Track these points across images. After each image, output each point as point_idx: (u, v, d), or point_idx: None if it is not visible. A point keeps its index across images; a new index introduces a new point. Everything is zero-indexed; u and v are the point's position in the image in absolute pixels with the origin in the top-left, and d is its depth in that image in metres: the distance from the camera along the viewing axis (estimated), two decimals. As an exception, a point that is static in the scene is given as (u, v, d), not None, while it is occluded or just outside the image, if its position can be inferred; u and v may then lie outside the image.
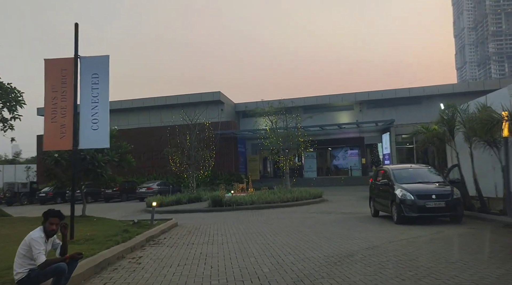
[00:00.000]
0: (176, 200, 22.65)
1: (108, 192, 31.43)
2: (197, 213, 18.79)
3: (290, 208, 18.51)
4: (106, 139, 8.30)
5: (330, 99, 38.73)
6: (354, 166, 39.46)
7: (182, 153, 25.49)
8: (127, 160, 13.70)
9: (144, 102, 40.07)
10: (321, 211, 16.74)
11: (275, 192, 21.53)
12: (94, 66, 8.18)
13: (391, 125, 33.81)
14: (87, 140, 8.13)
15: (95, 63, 8.21)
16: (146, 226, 11.00)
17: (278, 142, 22.49)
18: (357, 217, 13.63)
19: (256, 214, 16.33)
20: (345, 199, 22.43)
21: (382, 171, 13.35)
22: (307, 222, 12.55)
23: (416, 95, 36.81)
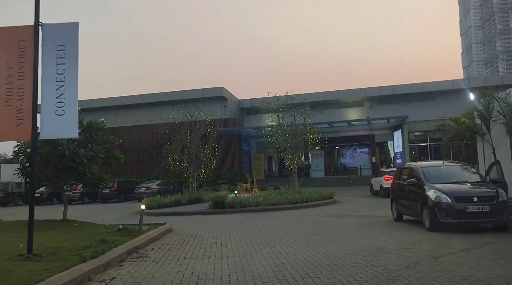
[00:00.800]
0: (175, 201, 20.99)
1: (105, 192, 29.83)
2: (197, 215, 17.10)
3: (299, 211, 16.77)
4: (74, 127, 6.57)
5: (339, 95, 36.92)
6: (364, 165, 37.62)
7: (182, 151, 23.82)
8: (115, 156, 11.99)
9: (144, 99, 38.43)
10: (334, 214, 14.99)
11: (282, 192, 19.81)
12: (60, 36, 6.49)
13: (404, 122, 31.99)
14: (51, 129, 6.41)
15: (62, 32, 6.52)
16: (133, 233, 9.31)
17: (285, 139, 20.77)
18: (377, 222, 11.87)
19: (261, 218, 14.61)
20: (357, 200, 20.68)
21: (406, 168, 11.56)
22: (321, 228, 10.80)
23: (430, 90, 34.94)
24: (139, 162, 37.54)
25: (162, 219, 16.22)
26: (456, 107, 34.58)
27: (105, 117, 41.91)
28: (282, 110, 20.96)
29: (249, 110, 40.30)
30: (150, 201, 20.22)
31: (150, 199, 20.62)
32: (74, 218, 19.31)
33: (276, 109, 21.12)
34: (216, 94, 36.04)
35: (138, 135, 37.37)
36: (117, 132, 39.36)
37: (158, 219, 16.63)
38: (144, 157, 37.52)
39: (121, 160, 12.40)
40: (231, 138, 35.22)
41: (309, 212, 16.14)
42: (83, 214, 20.53)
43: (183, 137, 23.69)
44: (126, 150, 37.97)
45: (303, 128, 21.28)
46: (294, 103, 21.29)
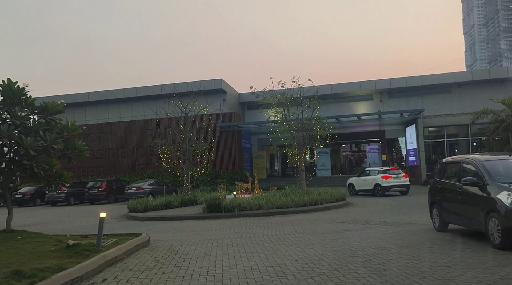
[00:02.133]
0: (165, 203, 18.42)
1: (92, 192, 27.33)
2: (188, 220, 14.50)
3: (309, 215, 14.16)
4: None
5: (347, 87, 34.22)
6: (374, 163, 34.89)
7: (175, 146, 21.22)
8: (76, 147, 9.35)
9: (138, 92, 35.80)
10: (352, 219, 12.37)
11: (288, 193, 17.21)
12: None
13: (418, 116, 29.30)
14: None
15: None
16: (88, 251, 6.69)
17: (291, 132, 18.17)
18: (413, 232, 9.24)
19: (264, 224, 11.99)
20: (372, 202, 18.07)
21: (455, 163, 8.89)
22: (345, 243, 8.16)
23: (446, 82, 32.23)
24: (132, 160, 34.93)
25: (146, 225, 13.69)
26: (473, 101, 31.92)
27: (96, 112, 39.49)
28: (288, 102, 18.34)
29: (250, 104, 37.64)
30: (135, 203, 17.67)
31: (136, 201, 18.06)
32: (44, 223, 16.83)
33: (281, 102, 18.46)
34: (215, 87, 33.43)
35: (131, 132, 34.77)
36: (109, 128, 37.16)
37: (143, 225, 14.10)
38: (137, 155, 34.91)
39: (85, 152, 9.75)
40: (230, 134, 32.60)
41: (321, 217, 13.52)
42: (56, 219, 18.02)
43: (175, 132, 21.10)
44: (118, 147, 35.52)
45: (311, 121, 18.64)
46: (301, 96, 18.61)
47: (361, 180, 22.08)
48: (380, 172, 21.05)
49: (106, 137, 35.60)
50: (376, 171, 21.61)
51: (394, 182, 20.57)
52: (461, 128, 30.99)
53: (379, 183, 20.53)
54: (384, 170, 21.39)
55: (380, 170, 21.45)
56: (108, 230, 12.30)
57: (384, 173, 20.75)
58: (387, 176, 20.38)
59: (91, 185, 27.76)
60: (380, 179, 20.58)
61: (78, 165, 36.42)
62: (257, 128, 33.40)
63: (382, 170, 21.29)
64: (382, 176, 20.54)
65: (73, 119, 36.73)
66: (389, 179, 20.38)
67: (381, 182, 20.43)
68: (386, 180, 20.34)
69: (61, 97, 38.14)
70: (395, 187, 20.63)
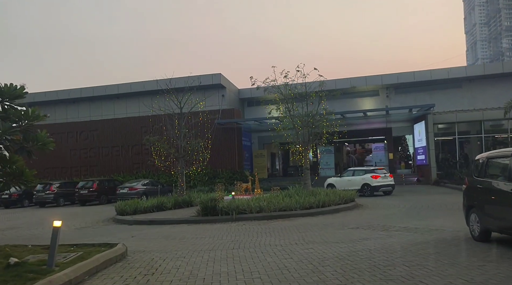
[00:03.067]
0: (157, 205, 16.81)
1: (83, 193, 25.69)
2: (180, 225, 12.89)
3: (316, 219, 12.54)
4: None
5: (352, 82, 32.52)
6: (380, 162, 33.24)
7: (169, 143, 19.62)
8: (38, 139, 7.74)
9: (133, 87, 34.17)
10: (366, 224, 10.75)
11: (292, 194, 15.59)
12: None
13: (428, 112, 27.66)
14: None
15: None
16: (38, 271, 5.07)
17: (295, 126, 16.54)
18: (447, 242, 7.62)
19: (266, 231, 10.37)
20: (383, 203, 16.44)
21: (500, 158, 7.29)
22: (370, 260, 6.48)
23: (456, 76, 30.58)
24: (127, 159, 33.31)
25: (133, 230, 12.10)
26: (485, 97, 30.30)
27: (90, 108, 37.84)
28: (292, 93, 16.68)
29: (250, 101, 36.01)
30: (124, 205, 16.05)
31: (125, 203, 16.43)
32: (24, 227, 15.01)
33: (285, 95, 16.78)
34: (213, 82, 31.78)
35: (126, 129, 33.13)
36: (103, 125, 35.43)
37: (129, 230, 12.50)
38: (132, 153, 33.27)
39: (49, 146, 8.09)
40: (229, 132, 30.99)
41: (330, 221, 11.89)
42: (38, 222, 16.44)
43: (169, 127, 19.50)
44: (113, 146, 33.89)
45: (316, 115, 16.97)
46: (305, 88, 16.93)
47: (345, 180, 21.28)
48: (368, 172, 20.95)
49: (99, 135, 33.99)
50: (363, 170, 21.48)
51: (383, 182, 20.45)
52: (473, 125, 29.37)
53: (368, 183, 20.24)
54: (372, 169, 21.37)
55: (368, 170, 21.38)
56: (84, 237, 10.76)
57: (373, 172, 20.69)
58: (376, 176, 20.33)
59: (81, 185, 26.13)
60: (369, 178, 20.37)
61: (70, 164, 34.98)
62: (258, 125, 31.79)
63: (370, 170, 21.23)
64: (371, 175, 20.44)
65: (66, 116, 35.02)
66: (378, 178, 20.32)
67: (371, 181, 20.23)
68: (376, 180, 20.21)
69: (52, 93, 36.58)
70: (383, 186, 20.41)
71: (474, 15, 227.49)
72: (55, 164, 34.44)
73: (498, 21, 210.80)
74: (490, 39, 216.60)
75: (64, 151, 34.33)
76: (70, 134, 34.55)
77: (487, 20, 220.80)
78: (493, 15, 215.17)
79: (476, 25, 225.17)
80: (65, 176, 33.61)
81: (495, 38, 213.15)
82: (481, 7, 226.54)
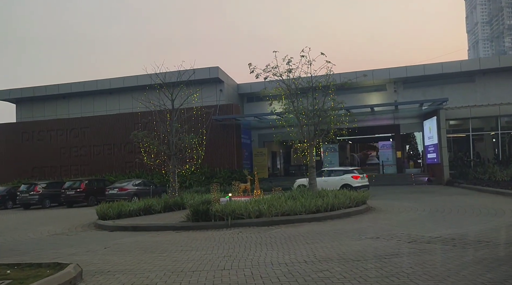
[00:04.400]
0: (144, 208, 15.02)
1: (70, 194, 23.85)
2: (166, 232, 11.09)
3: (325, 225, 10.74)
4: None
5: (357, 77, 30.62)
6: (387, 160, 31.48)
7: (160, 139, 17.80)
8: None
9: (125, 82, 32.36)
10: (388, 233, 8.92)
11: (296, 195, 13.74)
12: None
13: (440, 107, 25.81)
14: None
15: None
16: None
17: (300, 118, 14.69)
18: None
19: (267, 241, 8.55)
20: (400, 206, 14.58)
21: None
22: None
23: (469, 70, 28.77)
24: (119, 158, 31.49)
25: (110, 239, 10.32)
26: (500, 91, 28.39)
27: (81, 104, 35.87)
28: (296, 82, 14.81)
29: (250, 96, 34.21)
30: (106, 208, 14.24)
31: (108, 205, 14.61)
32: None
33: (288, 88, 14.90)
34: (210, 76, 30.00)
35: (118, 126, 31.31)
36: (94, 122, 33.12)
37: (107, 238, 10.72)
38: (125, 152, 31.43)
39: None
40: (228, 129, 29.17)
41: (342, 228, 10.07)
42: (13, 226, 14.73)
43: (159, 121, 17.69)
44: (105, 144, 32.03)
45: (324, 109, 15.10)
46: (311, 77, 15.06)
47: (320, 181, 19.41)
48: (347, 172, 20.45)
49: (91, 133, 32.16)
50: (341, 170, 20.91)
51: (362, 182, 19.95)
52: (487, 121, 27.56)
53: (349, 183, 19.40)
54: (351, 169, 20.93)
55: (347, 170, 20.87)
56: (48, 248, 8.99)
57: (353, 172, 20.27)
58: (357, 176, 19.89)
59: (68, 185, 24.29)
60: (350, 179, 19.82)
61: (60, 163, 33.15)
62: (258, 122, 29.97)
63: (350, 170, 20.74)
64: (352, 175, 19.97)
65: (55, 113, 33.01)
66: (359, 179, 19.84)
67: (352, 182, 19.63)
68: (357, 180, 19.70)
69: (41, 88, 34.77)
70: (363, 187, 19.59)
71: (476, 14, 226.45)
72: (44, 163, 32.70)
73: (501, 19, 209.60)
74: (492, 38, 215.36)
75: (54, 149, 32.58)
76: (60, 132, 32.73)
77: (489, 19, 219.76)
78: (495, 13, 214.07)
79: (478, 24, 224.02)
80: (55, 176, 31.83)
81: (497, 37, 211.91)
82: (483, 6, 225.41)
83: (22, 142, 33.27)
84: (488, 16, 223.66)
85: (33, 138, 33.16)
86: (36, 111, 35.41)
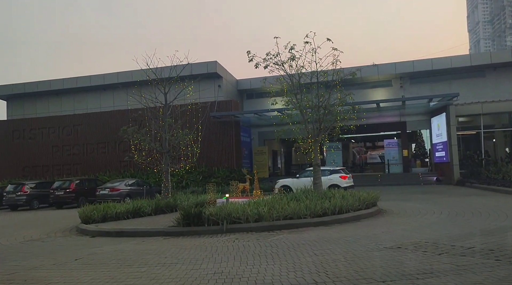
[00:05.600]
0: (133, 210, 13.69)
1: (59, 194, 22.50)
2: (153, 238, 9.78)
3: (334, 231, 9.42)
4: None
5: (362, 72, 29.11)
6: (393, 159, 30.16)
7: (151, 136, 16.49)
8: None
9: (120, 77, 31.04)
10: (409, 241, 7.59)
11: (299, 196, 12.42)
12: None
13: (450, 103, 24.50)
14: None
15: None
16: None
17: (304, 111, 13.34)
18: None
19: (267, 253, 7.22)
20: (412, 208, 13.27)
21: None
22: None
23: (480, 64, 27.44)
24: (113, 157, 30.16)
25: (88, 247, 9.03)
26: (511, 86, 27.24)
27: (74, 101, 34.53)
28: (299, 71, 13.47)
29: (250, 93, 32.92)
30: (91, 211, 12.92)
31: (92, 207, 13.32)
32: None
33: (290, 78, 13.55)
34: (208, 71, 28.69)
35: (113, 123, 29.91)
36: (88, 120, 31.54)
37: (85, 245, 9.43)
38: (119, 150, 30.08)
39: None
40: (226, 126, 27.84)
41: (354, 234, 8.76)
42: None
43: (150, 115, 16.37)
44: (98, 142, 30.67)
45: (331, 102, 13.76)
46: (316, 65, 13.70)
47: (305, 181, 18.29)
48: (334, 172, 19.80)
49: (84, 130, 30.82)
50: (328, 170, 19.93)
51: (350, 183, 19.35)
52: (499, 117, 26.23)
53: (337, 184, 18.83)
54: (338, 169, 20.34)
55: (333, 170, 20.17)
56: (8, 257, 7.64)
57: (340, 172, 19.73)
58: (345, 176, 19.27)
59: (57, 185, 22.93)
60: (338, 179, 19.26)
61: (52, 162, 31.78)
62: (258, 119, 28.66)
63: (336, 170, 20.12)
64: (340, 175, 19.33)
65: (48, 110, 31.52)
66: (346, 179, 19.24)
67: (340, 182, 19.06)
68: (345, 180, 19.11)
69: (32, 84, 33.47)
70: (350, 187, 18.90)
71: (478, 13, 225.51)
72: (35, 162, 31.39)
73: (503, 18, 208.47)
74: (494, 37, 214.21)
75: (46, 148, 31.27)
76: (52, 130, 31.39)
77: (491, 18, 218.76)
78: (497, 12, 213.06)
79: (479, 23, 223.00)
80: (47, 176, 30.52)
81: (499, 36, 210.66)
82: (485, 5, 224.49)
83: (13, 140, 31.95)
84: (489, 15, 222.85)
85: (24, 137, 31.85)
86: (27, 108, 34.10)
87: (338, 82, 13.60)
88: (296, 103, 13.27)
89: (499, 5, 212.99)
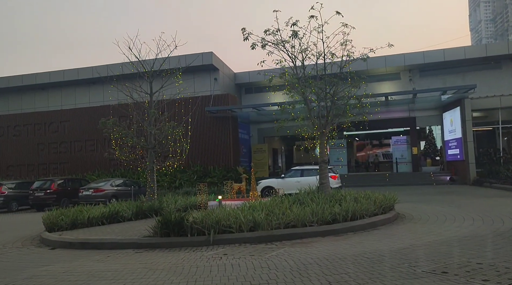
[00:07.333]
0: (110, 214, 11.76)
1: (39, 195, 20.58)
2: (121, 251, 7.86)
3: (347, 243, 7.48)
4: None
5: (369, 64, 27.21)
6: (401, 157, 28.20)
7: (135, 130, 14.58)
8: None
9: (110, 70, 28.84)
10: (457, 264, 5.65)
11: (304, 199, 10.47)
12: None
13: (465, 96, 22.53)
14: None
15: None
16: None
17: (309, 97, 11.40)
18: None
19: (263, 280, 5.26)
20: (434, 212, 11.33)
21: None
22: None
23: (496, 54, 25.46)
24: (103, 155, 28.09)
25: (44, 261, 7.08)
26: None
27: (61, 96, 32.51)
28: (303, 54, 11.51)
29: (248, 87, 30.97)
30: (57, 216, 10.98)
31: (60, 212, 11.37)
32: None
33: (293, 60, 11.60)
34: (203, 63, 26.68)
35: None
36: (75, 115, 29.26)
37: (39, 259, 7.52)
38: (109, 148, 27.96)
39: None
40: (223, 122, 25.88)
41: (374, 248, 6.81)
42: None
43: (132, 106, 14.48)
44: (87, 139, 28.66)
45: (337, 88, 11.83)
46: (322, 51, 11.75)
47: (291, 182, 17.56)
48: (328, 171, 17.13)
49: (71, 127, 28.89)
50: (315, 170, 18.14)
51: (339, 183, 18.17)
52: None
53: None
54: None
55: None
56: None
57: (329, 172, 17.03)
58: (335, 176, 18.04)
59: (37, 186, 21.01)
60: (331, 179, 16.65)
61: (37, 161, 29.84)
62: (257, 115, 26.72)
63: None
64: (331, 175, 17.34)
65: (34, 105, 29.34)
66: (336, 179, 18.06)
67: (331, 183, 16.86)
68: (335, 180, 17.77)
69: (17, 78, 31.53)
70: (339, 188, 17.53)
71: (480, 12, 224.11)
72: (20, 161, 29.47)
73: (505, 17, 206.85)
74: (497, 36, 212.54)
75: (31, 145, 29.34)
76: (38, 126, 29.46)
77: (493, 17, 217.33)
78: (500, 11, 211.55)
79: (481, 22, 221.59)
80: (32, 175, 28.58)
81: (501, 35, 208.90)
82: (487, 4, 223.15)
83: (-3, 138, 30.06)
84: (492, 13, 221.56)
85: (8, 134, 29.94)
86: (12, 104, 32.14)
87: (348, 65, 11.62)
88: (300, 89, 11.27)
89: (502, 3, 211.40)
